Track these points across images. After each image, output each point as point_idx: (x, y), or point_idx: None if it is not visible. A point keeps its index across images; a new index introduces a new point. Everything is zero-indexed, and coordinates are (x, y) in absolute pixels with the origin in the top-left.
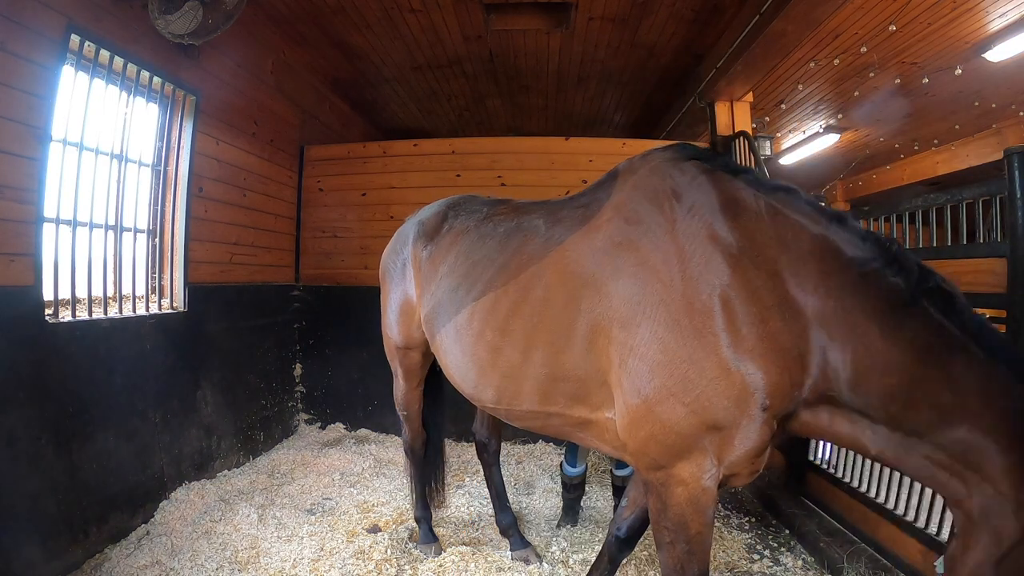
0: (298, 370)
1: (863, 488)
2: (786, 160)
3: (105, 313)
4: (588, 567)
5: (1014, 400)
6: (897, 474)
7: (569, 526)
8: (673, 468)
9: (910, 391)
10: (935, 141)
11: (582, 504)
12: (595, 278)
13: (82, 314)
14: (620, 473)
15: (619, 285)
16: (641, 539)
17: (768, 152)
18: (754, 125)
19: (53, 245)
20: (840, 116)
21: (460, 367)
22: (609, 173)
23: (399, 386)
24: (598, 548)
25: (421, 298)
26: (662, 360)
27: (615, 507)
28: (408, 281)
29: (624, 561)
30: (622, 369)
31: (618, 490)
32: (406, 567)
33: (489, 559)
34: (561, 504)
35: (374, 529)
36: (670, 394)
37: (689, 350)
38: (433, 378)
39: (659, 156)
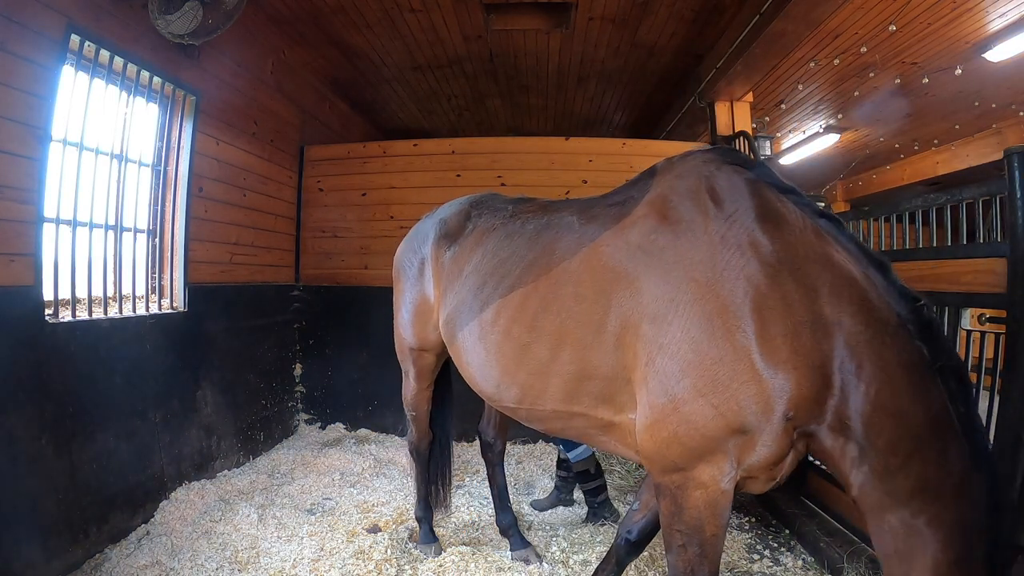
0: (298, 370)
1: None
2: (786, 160)
3: (105, 313)
4: (588, 567)
5: (976, 509)
6: None
7: (561, 508)
8: (693, 470)
9: (911, 453)
10: (935, 141)
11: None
12: (628, 273)
13: (82, 314)
14: (570, 456)
15: (652, 281)
16: None
17: (768, 152)
18: (754, 125)
19: (53, 245)
20: (840, 116)
21: (482, 366)
22: (646, 171)
23: (409, 387)
24: (599, 549)
25: (442, 299)
26: (693, 359)
27: (556, 487)
28: (426, 281)
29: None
30: (649, 367)
31: (561, 463)
32: (406, 567)
33: (489, 559)
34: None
35: (374, 529)
36: (699, 394)
37: (721, 351)
38: (442, 378)
39: (698, 157)
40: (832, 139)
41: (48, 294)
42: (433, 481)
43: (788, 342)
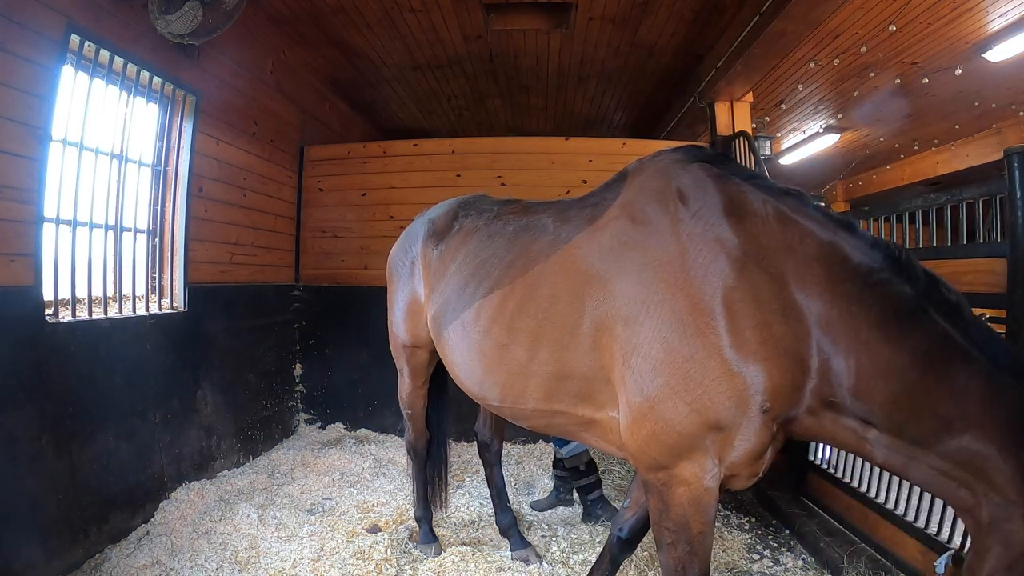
0: (298, 370)
1: (863, 488)
2: (786, 160)
3: (105, 313)
4: (588, 567)
5: (1017, 408)
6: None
7: (561, 508)
8: (675, 468)
9: (913, 400)
10: (935, 141)
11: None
12: (600, 276)
13: (82, 314)
14: (563, 452)
15: (623, 283)
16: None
17: (768, 152)
18: (754, 125)
19: (53, 245)
20: (840, 116)
21: (466, 365)
22: (619, 173)
23: (404, 385)
24: (598, 549)
25: (430, 297)
26: (665, 358)
27: (555, 487)
28: (417, 280)
29: (624, 561)
30: (625, 367)
31: (557, 462)
32: (406, 567)
33: (489, 559)
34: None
35: (374, 529)
36: (672, 392)
37: (692, 349)
38: (438, 377)
39: (667, 157)
40: (832, 139)
41: (48, 294)
42: (430, 480)
43: (758, 334)
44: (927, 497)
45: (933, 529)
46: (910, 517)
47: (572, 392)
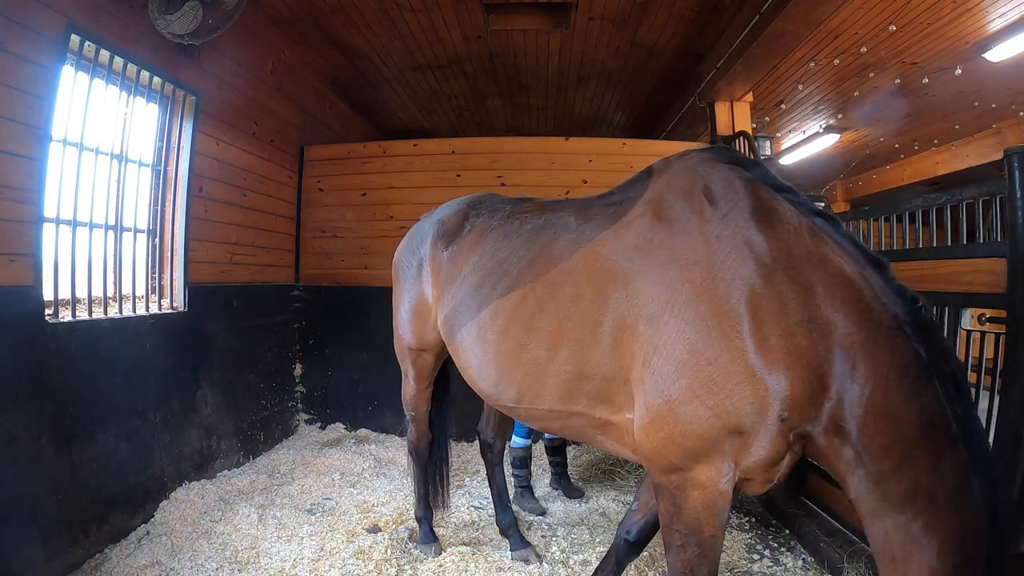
0: (298, 370)
1: None
2: (786, 160)
3: (105, 313)
4: (588, 567)
5: (972, 519)
6: None
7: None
8: (690, 471)
9: (904, 457)
10: (935, 141)
11: (589, 504)
12: (624, 273)
13: (82, 314)
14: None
15: (648, 282)
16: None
17: (768, 152)
18: (754, 125)
19: (53, 245)
20: (840, 116)
21: (480, 366)
22: (643, 171)
23: (409, 387)
24: (599, 549)
25: (440, 299)
26: (688, 360)
27: (553, 477)
28: (424, 281)
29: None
30: (645, 368)
31: (550, 449)
32: (406, 567)
33: (489, 559)
34: (558, 501)
35: (374, 529)
36: (693, 395)
37: (716, 352)
38: (440, 378)
39: (695, 157)
40: (832, 139)
41: (48, 294)
42: (431, 481)
43: (783, 342)
44: None
45: None
46: None
47: (591, 393)
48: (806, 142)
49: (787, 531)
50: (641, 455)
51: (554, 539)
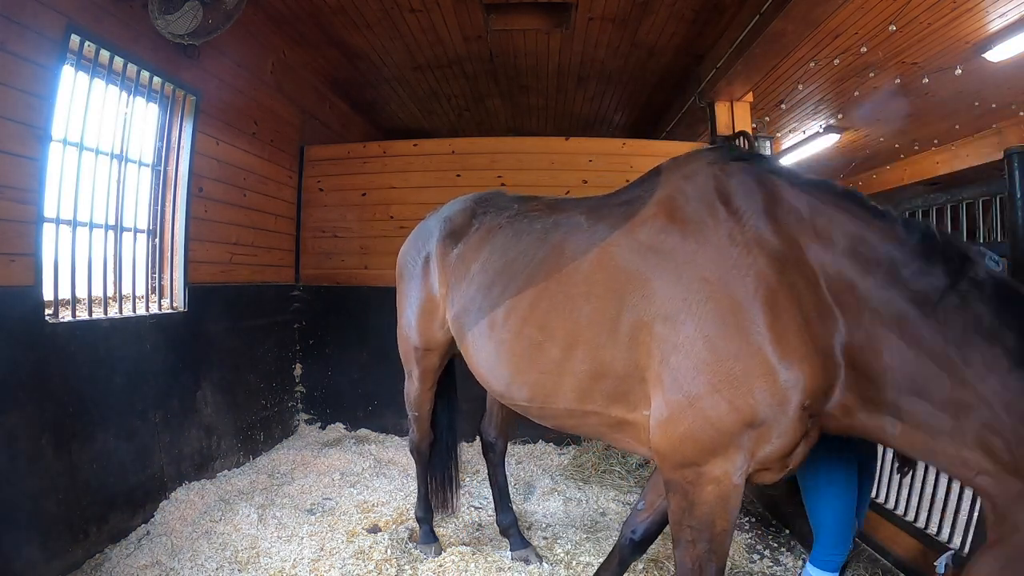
0: (298, 370)
1: None
2: (786, 160)
3: (105, 313)
4: (588, 568)
5: None
6: (897, 474)
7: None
8: (706, 466)
9: (933, 389)
10: (935, 141)
11: (590, 504)
12: (639, 273)
13: (82, 314)
14: None
15: (664, 281)
16: None
17: (768, 152)
18: (754, 125)
19: (53, 245)
20: (840, 116)
21: (493, 365)
22: (652, 170)
23: (412, 387)
24: (599, 549)
25: (447, 297)
26: (708, 357)
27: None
28: (432, 279)
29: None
30: (663, 366)
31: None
32: (406, 567)
33: (489, 559)
34: (559, 501)
35: (374, 529)
36: (714, 390)
37: (736, 348)
38: (447, 379)
39: (704, 156)
40: (832, 139)
41: (48, 294)
42: (440, 484)
43: (799, 335)
44: (927, 497)
45: (933, 529)
46: (910, 517)
47: (606, 392)
48: (806, 142)
49: (787, 531)
50: (656, 451)
51: (556, 540)
